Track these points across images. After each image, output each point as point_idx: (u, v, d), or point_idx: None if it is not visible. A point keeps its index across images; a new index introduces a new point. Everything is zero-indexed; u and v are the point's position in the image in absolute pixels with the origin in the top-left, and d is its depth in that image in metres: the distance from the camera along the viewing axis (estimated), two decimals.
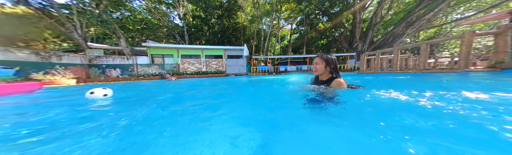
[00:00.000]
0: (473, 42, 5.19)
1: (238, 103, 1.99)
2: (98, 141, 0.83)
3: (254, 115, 1.29)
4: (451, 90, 1.50)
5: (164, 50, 14.91)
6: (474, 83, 2.76)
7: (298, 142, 0.77)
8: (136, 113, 1.37)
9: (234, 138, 0.81)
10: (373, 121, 0.97)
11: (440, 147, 0.61)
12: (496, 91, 1.39)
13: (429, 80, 3.65)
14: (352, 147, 0.70)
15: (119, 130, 0.98)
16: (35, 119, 1.41)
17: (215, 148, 0.71)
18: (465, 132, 0.74)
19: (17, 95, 3.13)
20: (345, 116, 1.13)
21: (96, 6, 11.04)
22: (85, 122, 1.20)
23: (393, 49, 7.75)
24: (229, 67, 16.81)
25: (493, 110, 0.98)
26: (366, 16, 19.23)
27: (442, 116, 0.94)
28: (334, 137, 0.80)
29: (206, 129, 0.98)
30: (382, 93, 1.50)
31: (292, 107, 1.50)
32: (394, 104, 1.28)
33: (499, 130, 0.69)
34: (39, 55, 8.71)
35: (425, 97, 1.32)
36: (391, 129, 0.82)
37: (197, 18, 23.25)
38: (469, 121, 0.85)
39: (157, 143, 0.79)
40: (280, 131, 0.93)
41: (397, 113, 1.05)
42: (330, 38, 24.48)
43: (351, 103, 1.35)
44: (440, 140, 0.66)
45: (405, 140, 0.69)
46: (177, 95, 2.98)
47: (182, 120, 1.25)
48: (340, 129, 0.89)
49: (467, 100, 1.24)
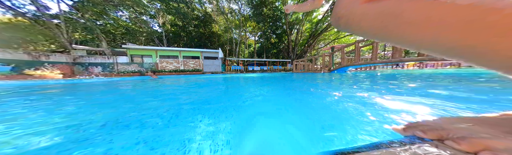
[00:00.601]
0: (325, 59, 9.48)
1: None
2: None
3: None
4: (316, 79, 4.21)
5: (143, 51, 15.13)
6: (322, 74, 5.85)
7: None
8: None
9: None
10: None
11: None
12: (329, 77, 4.15)
13: (313, 75, 6.68)
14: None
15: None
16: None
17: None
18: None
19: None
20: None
21: (81, 16, 12.12)
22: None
23: (304, 59, 12.20)
24: (206, 66, 17.29)
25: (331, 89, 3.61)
26: (293, 38, 25.64)
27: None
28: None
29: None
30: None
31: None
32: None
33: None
34: (31, 55, 9.67)
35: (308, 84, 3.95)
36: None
37: (176, 26, 24.44)
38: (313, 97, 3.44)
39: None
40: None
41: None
42: (278, 49, 29.44)
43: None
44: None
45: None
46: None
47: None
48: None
49: (316, 83, 3.92)
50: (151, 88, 3.02)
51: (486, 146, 0.21)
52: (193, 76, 8.77)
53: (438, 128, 0.30)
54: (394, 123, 0.91)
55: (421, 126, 0.33)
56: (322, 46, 32.04)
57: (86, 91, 2.71)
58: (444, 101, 1.45)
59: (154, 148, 0.64)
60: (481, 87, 2.39)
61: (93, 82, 5.19)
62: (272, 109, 1.33)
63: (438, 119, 0.35)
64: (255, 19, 21.85)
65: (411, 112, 1.12)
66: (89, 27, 12.04)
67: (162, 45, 23.75)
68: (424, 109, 1.21)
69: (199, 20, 24.85)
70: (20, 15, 10.05)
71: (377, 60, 6.44)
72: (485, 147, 0.21)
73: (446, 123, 0.31)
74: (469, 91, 2.05)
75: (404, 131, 0.34)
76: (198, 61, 17.03)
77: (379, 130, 0.79)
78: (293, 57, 23.27)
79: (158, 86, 3.38)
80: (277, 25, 22.71)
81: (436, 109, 1.19)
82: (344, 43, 24.82)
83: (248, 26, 27.49)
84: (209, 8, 26.51)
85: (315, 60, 11.62)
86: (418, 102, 1.43)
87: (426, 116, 1.05)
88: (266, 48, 28.27)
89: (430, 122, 0.34)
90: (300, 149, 0.64)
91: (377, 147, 0.27)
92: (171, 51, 16.10)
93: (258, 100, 1.71)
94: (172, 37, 25.64)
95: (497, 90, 2.01)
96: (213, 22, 26.32)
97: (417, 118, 1.00)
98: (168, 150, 0.62)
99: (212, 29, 27.67)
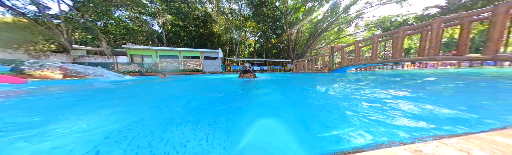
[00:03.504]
0: (325, 59, 9.48)
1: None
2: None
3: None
4: (315, 78, 4.30)
5: (143, 51, 15.09)
6: (322, 74, 5.93)
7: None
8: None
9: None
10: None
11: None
12: (329, 77, 4.21)
13: (313, 75, 6.72)
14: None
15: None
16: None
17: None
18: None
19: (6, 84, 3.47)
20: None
21: (82, 16, 12.12)
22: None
23: (304, 59, 12.27)
24: (206, 66, 17.33)
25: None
26: (293, 38, 25.41)
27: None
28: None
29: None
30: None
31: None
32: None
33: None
34: (31, 55, 9.68)
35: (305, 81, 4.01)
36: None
37: (176, 26, 24.41)
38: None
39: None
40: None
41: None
42: (278, 49, 29.46)
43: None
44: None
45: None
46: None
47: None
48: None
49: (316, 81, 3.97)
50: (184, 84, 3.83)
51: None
52: (194, 76, 8.94)
53: None
54: (395, 123, 0.91)
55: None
56: (322, 46, 32.09)
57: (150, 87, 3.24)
58: (444, 100, 1.44)
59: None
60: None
61: (124, 81, 5.29)
62: (279, 104, 1.34)
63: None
64: (255, 19, 21.82)
65: (410, 112, 1.12)
66: (89, 27, 12.03)
67: (162, 45, 23.73)
68: (424, 109, 1.21)
69: (200, 20, 24.81)
70: (20, 15, 10.04)
71: (377, 60, 6.44)
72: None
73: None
74: (458, 90, 2.05)
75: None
76: (198, 61, 17.04)
77: (379, 130, 0.79)
78: (293, 57, 23.34)
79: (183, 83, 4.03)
80: (277, 25, 22.67)
81: (437, 109, 1.19)
82: (344, 43, 24.73)
83: (248, 26, 27.50)
84: (210, 8, 26.50)
85: (315, 60, 11.61)
86: (417, 102, 1.43)
87: (425, 116, 1.04)
88: (266, 48, 28.29)
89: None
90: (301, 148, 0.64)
91: (377, 147, 0.27)
92: (171, 51, 16.08)
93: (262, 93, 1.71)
94: (172, 37, 25.60)
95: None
96: (213, 23, 26.29)
97: (417, 118, 0.99)
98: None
99: (212, 29, 27.64)
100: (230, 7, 25.87)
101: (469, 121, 0.92)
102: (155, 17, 22.55)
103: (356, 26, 26.03)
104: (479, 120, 0.93)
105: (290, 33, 22.49)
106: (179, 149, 0.60)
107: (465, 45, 4.25)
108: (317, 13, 24.78)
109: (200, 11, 25.04)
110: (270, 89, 2.73)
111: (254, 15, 22.09)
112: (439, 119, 0.96)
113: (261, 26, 22.98)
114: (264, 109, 1.36)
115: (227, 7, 25.78)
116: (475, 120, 0.93)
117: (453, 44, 21.49)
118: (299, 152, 0.58)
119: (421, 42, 5.25)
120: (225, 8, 25.65)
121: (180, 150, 0.59)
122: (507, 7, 3.37)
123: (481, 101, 1.44)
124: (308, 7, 21.58)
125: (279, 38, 24.29)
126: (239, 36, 27.19)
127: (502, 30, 3.43)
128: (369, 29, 24.87)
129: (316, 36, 22.53)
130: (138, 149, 0.62)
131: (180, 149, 0.60)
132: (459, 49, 4.34)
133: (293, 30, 23.09)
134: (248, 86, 3.17)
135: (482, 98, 1.57)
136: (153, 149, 0.61)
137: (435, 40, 4.65)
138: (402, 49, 5.75)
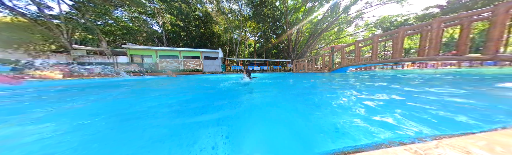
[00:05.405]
0: (325, 59, 9.45)
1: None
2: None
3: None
4: (316, 78, 4.34)
5: (143, 51, 15.03)
6: (322, 74, 5.99)
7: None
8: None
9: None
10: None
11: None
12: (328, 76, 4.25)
13: (313, 75, 6.73)
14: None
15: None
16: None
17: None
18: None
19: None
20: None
21: (82, 16, 12.11)
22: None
23: (304, 59, 12.38)
24: (206, 66, 17.28)
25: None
26: (293, 38, 25.45)
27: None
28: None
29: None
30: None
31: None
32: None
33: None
34: (31, 55, 9.69)
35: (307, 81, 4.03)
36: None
37: (176, 26, 24.40)
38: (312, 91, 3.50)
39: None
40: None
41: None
42: (278, 49, 29.58)
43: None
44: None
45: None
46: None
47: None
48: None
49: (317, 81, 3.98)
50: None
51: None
52: (199, 76, 9.12)
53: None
54: (394, 123, 0.91)
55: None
56: (322, 46, 32.11)
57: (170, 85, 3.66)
58: (444, 100, 1.44)
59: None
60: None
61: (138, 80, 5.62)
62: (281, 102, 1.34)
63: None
64: (255, 19, 21.84)
65: (410, 112, 1.12)
66: (89, 27, 12.03)
67: (162, 45, 23.73)
68: (424, 108, 1.21)
69: (200, 20, 24.82)
70: (21, 15, 10.03)
71: (377, 60, 6.44)
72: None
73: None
74: (455, 89, 2.05)
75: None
76: (198, 61, 17.03)
77: (379, 130, 0.79)
78: (293, 57, 23.36)
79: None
80: (277, 25, 22.71)
81: (437, 109, 1.19)
82: (344, 43, 24.84)
83: (248, 26, 27.51)
84: (210, 8, 26.51)
85: (315, 60, 11.62)
86: (418, 102, 1.43)
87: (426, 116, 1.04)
88: (266, 48, 28.27)
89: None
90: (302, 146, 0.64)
91: (377, 147, 0.27)
92: (171, 51, 16.08)
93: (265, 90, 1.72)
94: (172, 37, 25.59)
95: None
96: (213, 23, 26.32)
97: (417, 118, 1.00)
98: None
99: (212, 29, 27.64)
100: (230, 7, 25.88)
101: (469, 121, 0.92)
102: (155, 17, 22.55)
103: (356, 26, 26.04)
104: (479, 120, 0.93)
105: (290, 33, 22.53)
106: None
107: (465, 45, 4.25)
108: (317, 13, 24.78)
109: (200, 11, 25.06)
110: (275, 90, 2.74)
111: (254, 15, 22.12)
112: (439, 119, 0.96)
113: (261, 26, 23.03)
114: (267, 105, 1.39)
115: (227, 7, 25.78)
116: (475, 120, 0.93)
117: (453, 44, 21.47)
118: (299, 152, 0.58)
119: (421, 42, 5.25)
120: (225, 8, 25.66)
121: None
122: (507, 7, 3.37)
123: (481, 101, 1.44)
124: (308, 7, 21.58)
125: (279, 38, 24.33)
126: (239, 36, 27.18)
127: (502, 30, 3.43)
128: (369, 29, 24.87)
129: (316, 36, 22.53)
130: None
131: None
132: (459, 49, 4.34)
133: (293, 30, 23.11)
134: (250, 86, 3.20)
135: (482, 98, 1.57)
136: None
137: (435, 40, 4.65)
138: (402, 49, 5.75)
